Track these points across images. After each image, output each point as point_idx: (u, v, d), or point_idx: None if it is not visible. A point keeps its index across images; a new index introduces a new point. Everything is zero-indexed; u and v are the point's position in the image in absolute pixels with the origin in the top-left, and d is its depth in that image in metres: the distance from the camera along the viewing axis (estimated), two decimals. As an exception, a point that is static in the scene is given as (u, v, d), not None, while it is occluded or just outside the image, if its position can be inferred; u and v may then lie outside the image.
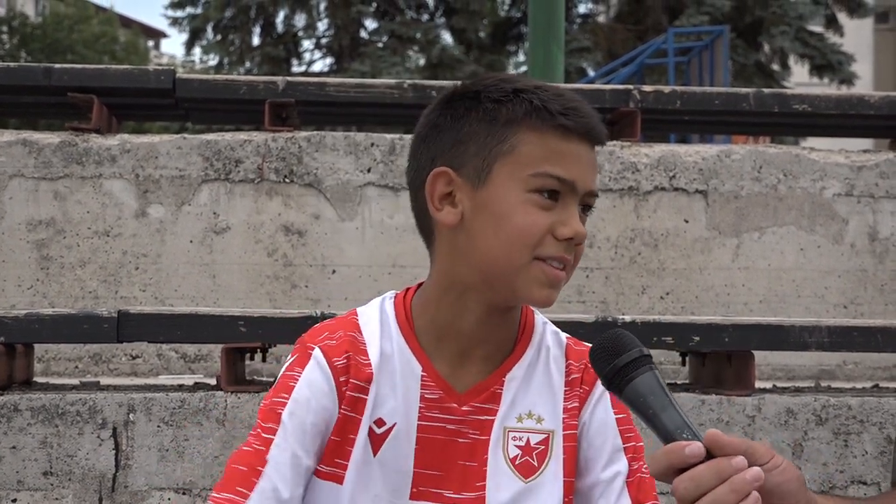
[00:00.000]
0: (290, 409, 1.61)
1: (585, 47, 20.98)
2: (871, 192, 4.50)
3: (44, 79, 4.41)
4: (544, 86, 1.62)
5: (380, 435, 1.63)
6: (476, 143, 1.59)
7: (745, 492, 1.32)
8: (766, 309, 4.45)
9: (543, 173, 1.56)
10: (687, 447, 1.34)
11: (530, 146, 1.57)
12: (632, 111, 4.50)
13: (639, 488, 1.66)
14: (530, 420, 1.66)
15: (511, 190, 1.56)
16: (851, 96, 4.70)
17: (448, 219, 1.60)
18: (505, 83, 1.62)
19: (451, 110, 1.63)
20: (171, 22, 24.15)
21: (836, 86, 21.10)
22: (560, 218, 1.57)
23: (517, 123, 1.58)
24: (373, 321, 1.68)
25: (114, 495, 3.14)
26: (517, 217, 1.56)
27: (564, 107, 1.58)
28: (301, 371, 1.64)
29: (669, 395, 1.40)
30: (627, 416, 1.69)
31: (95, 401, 3.16)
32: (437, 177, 1.61)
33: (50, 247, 4.30)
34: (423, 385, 1.64)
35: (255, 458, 1.59)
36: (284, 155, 4.36)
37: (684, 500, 1.34)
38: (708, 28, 17.51)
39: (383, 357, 1.65)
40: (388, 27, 22.47)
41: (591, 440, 1.67)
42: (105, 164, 4.32)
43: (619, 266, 4.45)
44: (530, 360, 1.68)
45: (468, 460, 1.64)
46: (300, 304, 4.29)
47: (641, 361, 1.43)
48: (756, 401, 3.31)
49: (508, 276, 1.57)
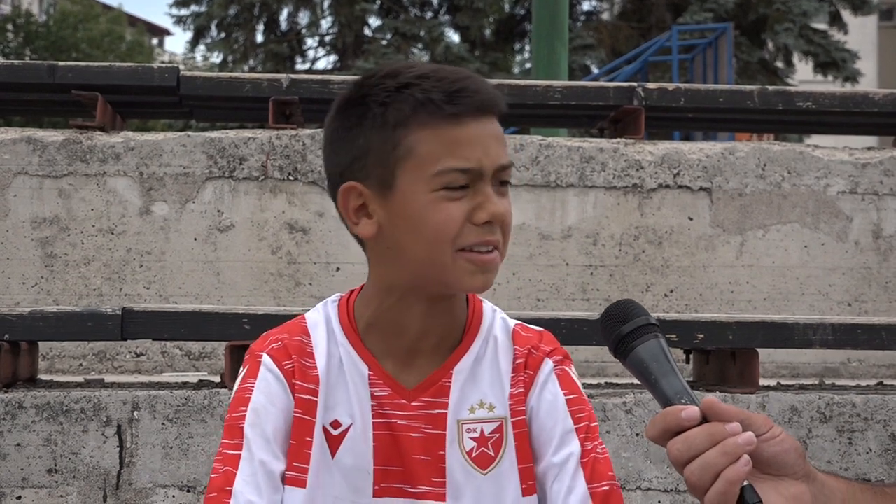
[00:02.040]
0: (250, 421, 1.61)
1: (589, 45, 20.96)
2: (876, 189, 4.50)
3: (48, 77, 4.41)
4: (427, 72, 1.57)
5: (336, 436, 1.63)
6: (374, 153, 1.56)
7: (736, 455, 1.31)
8: (771, 306, 4.45)
9: (446, 170, 1.53)
10: (683, 411, 1.34)
11: (426, 144, 1.53)
12: (636, 109, 4.50)
13: (593, 469, 1.62)
14: (482, 409, 1.64)
15: (418, 192, 1.54)
16: (856, 94, 4.70)
17: (366, 231, 1.59)
18: (388, 80, 1.57)
19: (344, 120, 1.60)
20: (176, 20, 24.14)
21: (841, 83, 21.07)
22: (474, 203, 1.54)
23: (407, 124, 1.54)
24: (320, 325, 1.68)
25: (118, 493, 3.15)
26: (431, 217, 1.53)
27: (449, 92, 1.53)
28: (254, 381, 1.64)
29: (672, 363, 1.42)
30: (579, 397, 1.67)
31: (100, 398, 3.16)
32: (347, 192, 1.58)
33: (54, 244, 4.31)
34: (372, 384, 1.63)
35: (222, 480, 1.59)
36: (288, 152, 4.36)
37: (677, 462, 1.34)
38: (712, 25, 17.49)
39: (331, 359, 1.65)
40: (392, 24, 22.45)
41: (542, 424, 1.65)
42: (109, 162, 4.32)
43: (623, 263, 4.45)
44: (478, 351, 1.66)
45: (423, 455, 1.63)
46: (304, 302, 4.29)
47: (647, 329, 1.45)
48: (760, 398, 3.31)
49: (438, 273, 1.56)
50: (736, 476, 1.30)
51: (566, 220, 4.41)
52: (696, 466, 1.31)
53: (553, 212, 4.43)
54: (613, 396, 3.29)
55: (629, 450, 3.22)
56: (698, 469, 1.31)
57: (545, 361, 1.67)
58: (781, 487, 1.35)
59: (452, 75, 1.57)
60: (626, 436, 3.24)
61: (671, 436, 1.35)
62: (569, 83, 4.70)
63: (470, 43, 22.50)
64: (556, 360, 1.68)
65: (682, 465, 1.33)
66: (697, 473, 1.31)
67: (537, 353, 1.67)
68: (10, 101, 5.03)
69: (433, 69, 1.59)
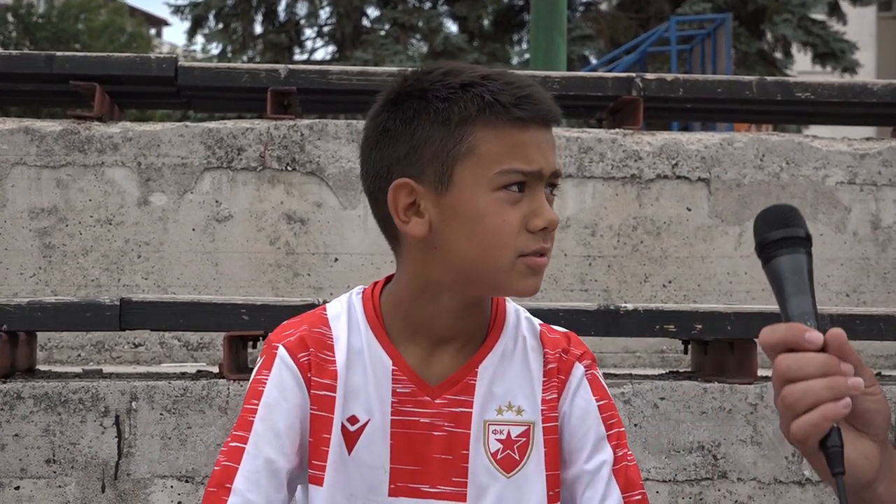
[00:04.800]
0: (260, 415, 1.59)
1: (588, 35, 20.94)
2: (874, 180, 4.50)
3: (46, 67, 4.40)
4: (491, 75, 1.57)
5: (353, 432, 1.61)
6: (432, 147, 1.54)
7: (841, 394, 1.29)
8: (769, 297, 4.42)
9: (508, 170, 1.53)
10: (808, 332, 1.31)
11: (489, 144, 1.53)
12: (634, 99, 4.50)
13: (626, 476, 1.62)
14: (510, 412, 1.63)
15: (477, 192, 1.53)
16: (854, 84, 4.69)
17: (417, 230, 1.56)
18: (450, 77, 1.56)
19: (399, 113, 1.57)
20: (174, 10, 24.10)
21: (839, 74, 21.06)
22: (531, 209, 1.54)
23: (471, 122, 1.53)
24: (342, 316, 1.66)
25: (116, 483, 3.15)
26: (489, 218, 1.52)
27: (517, 97, 1.54)
28: (268, 374, 1.62)
29: (809, 284, 1.37)
30: (609, 402, 1.67)
31: (98, 389, 3.16)
32: (399, 189, 1.56)
33: (52, 235, 4.30)
34: (395, 379, 1.61)
35: (223, 475, 1.57)
36: (286, 143, 4.35)
37: (781, 377, 1.31)
38: (711, 16, 17.47)
39: (352, 352, 1.62)
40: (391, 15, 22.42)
41: (574, 430, 1.64)
42: (107, 153, 4.32)
43: (622, 254, 4.45)
44: (504, 349, 1.65)
45: (444, 454, 1.61)
46: (302, 293, 4.29)
47: (798, 242, 1.39)
48: (759, 389, 3.31)
49: (491, 275, 1.55)
50: (833, 414, 1.29)
51: (564, 210, 4.41)
52: (798, 389, 1.29)
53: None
54: (611, 387, 3.27)
55: (628, 440, 3.22)
56: (800, 393, 1.29)
57: (576, 366, 1.66)
58: (858, 443, 1.34)
59: (519, 81, 1.58)
60: (625, 426, 3.23)
61: (784, 350, 1.32)
62: (567, 73, 4.70)
63: (468, 33, 22.47)
64: (586, 364, 1.67)
65: (784, 383, 1.31)
66: (797, 396, 1.29)
67: (567, 357, 1.66)
68: (8, 91, 5.02)
69: (496, 72, 1.59)
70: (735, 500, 3.30)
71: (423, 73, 1.60)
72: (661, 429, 3.27)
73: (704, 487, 3.29)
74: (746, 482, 3.30)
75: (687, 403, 3.28)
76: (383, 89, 1.63)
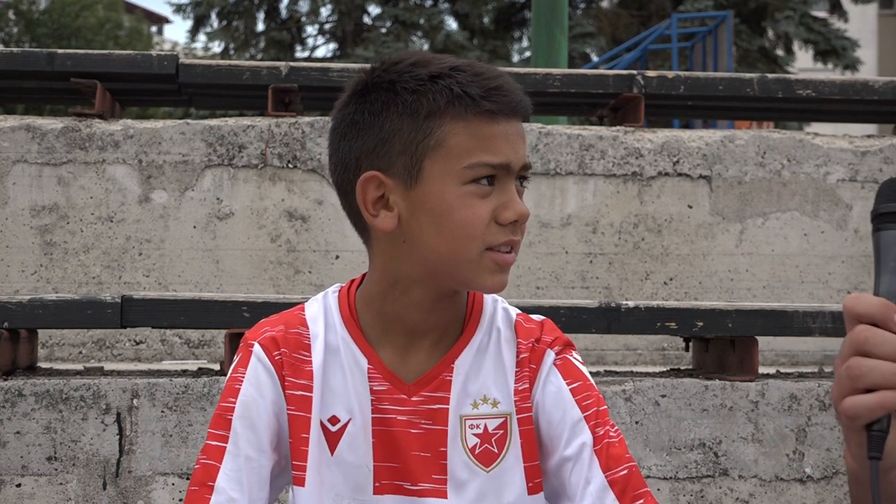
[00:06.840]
0: (238, 413, 1.59)
1: (589, 32, 20.94)
2: (875, 177, 4.50)
3: (47, 64, 4.40)
4: (460, 66, 1.55)
5: (335, 432, 1.61)
6: (401, 140, 1.52)
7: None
8: (770, 294, 4.45)
9: (477, 164, 1.51)
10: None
11: (458, 137, 1.51)
12: (635, 96, 4.50)
13: (608, 454, 1.58)
14: (486, 405, 1.62)
15: (447, 185, 1.51)
16: (855, 81, 4.69)
17: (386, 224, 1.55)
18: (419, 69, 1.54)
19: (368, 105, 1.55)
20: (175, 8, 24.10)
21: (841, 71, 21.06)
22: (500, 202, 1.53)
23: (440, 115, 1.51)
24: (319, 316, 1.65)
25: (117, 480, 3.15)
26: (458, 212, 1.51)
27: (486, 88, 1.52)
28: (244, 371, 1.61)
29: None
30: (584, 384, 1.63)
31: (99, 386, 3.16)
32: (367, 182, 1.55)
33: (53, 232, 4.30)
34: (371, 378, 1.61)
35: (204, 474, 1.57)
36: (288, 140, 4.35)
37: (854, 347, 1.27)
38: (712, 13, 17.47)
39: (329, 352, 1.62)
40: (392, 12, 22.43)
41: (550, 417, 1.61)
42: (108, 150, 4.32)
43: (623, 252, 4.45)
44: (479, 344, 1.64)
45: (423, 451, 1.60)
46: (304, 290, 4.29)
47: None
48: (760, 386, 3.31)
49: (458, 269, 1.54)
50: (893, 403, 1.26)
51: (566, 208, 4.41)
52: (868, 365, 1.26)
53: (552, 200, 4.43)
54: (612, 384, 3.29)
55: (629, 437, 3.22)
56: (868, 370, 1.26)
57: (547, 353, 1.64)
58: (894, 430, 1.31)
59: (488, 72, 1.56)
60: (626, 423, 3.24)
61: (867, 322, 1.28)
62: (568, 71, 4.69)
63: (469, 31, 22.49)
64: (556, 349, 1.65)
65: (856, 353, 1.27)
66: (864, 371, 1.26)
67: (539, 346, 1.64)
68: (9, 88, 5.02)
69: (465, 63, 1.57)
70: (736, 497, 3.30)
71: (391, 64, 1.58)
72: (662, 426, 3.27)
73: (705, 485, 3.29)
74: (747, 479, 3.30)
75: (688, 401, 3.28)
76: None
